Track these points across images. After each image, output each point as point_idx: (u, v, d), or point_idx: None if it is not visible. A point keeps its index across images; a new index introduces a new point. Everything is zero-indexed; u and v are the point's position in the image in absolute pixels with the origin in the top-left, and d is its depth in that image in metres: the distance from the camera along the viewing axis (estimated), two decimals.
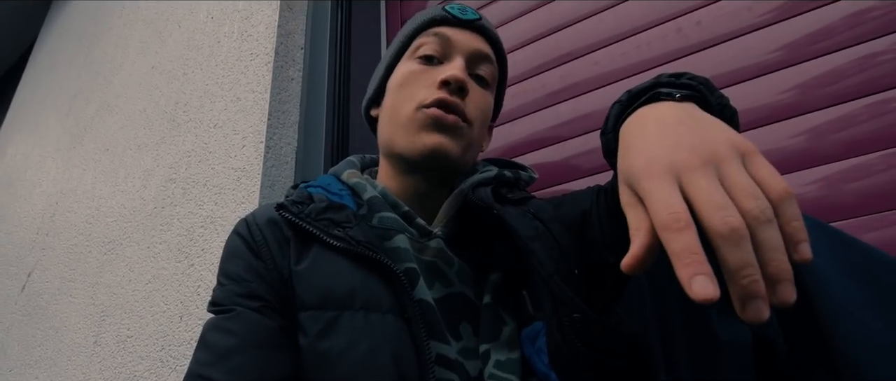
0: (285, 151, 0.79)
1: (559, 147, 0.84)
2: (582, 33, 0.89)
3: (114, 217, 1.01)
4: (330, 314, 0.44)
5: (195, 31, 1.09)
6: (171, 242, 0.83)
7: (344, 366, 0.42)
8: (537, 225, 0.48)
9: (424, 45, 0.55)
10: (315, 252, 0.47)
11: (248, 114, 0.82)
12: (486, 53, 0.56)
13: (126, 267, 0.90)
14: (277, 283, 0.46)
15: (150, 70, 1.19)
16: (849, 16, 0.66)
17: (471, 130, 0.53)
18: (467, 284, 0.50)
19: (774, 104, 0.67)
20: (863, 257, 0.39)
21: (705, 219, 0.27)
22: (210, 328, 0.45)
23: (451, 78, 0.50)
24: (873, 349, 0.35)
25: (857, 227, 0.58)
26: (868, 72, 0.63)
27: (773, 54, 0.70)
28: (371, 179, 0.56)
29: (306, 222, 0.47)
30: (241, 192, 0.75)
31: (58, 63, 1.82)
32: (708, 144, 0.32)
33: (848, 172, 0.61)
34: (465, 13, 0.57)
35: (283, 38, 0.88)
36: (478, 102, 0.54)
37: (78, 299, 0.99)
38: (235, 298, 0.46)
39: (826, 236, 0.40)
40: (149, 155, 1.00)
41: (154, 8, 1.34)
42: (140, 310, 0.82)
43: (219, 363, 0.41)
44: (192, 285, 0.75)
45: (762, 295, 0.27)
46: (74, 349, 0.93)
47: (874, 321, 0.36)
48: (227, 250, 0.50)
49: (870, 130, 0.61)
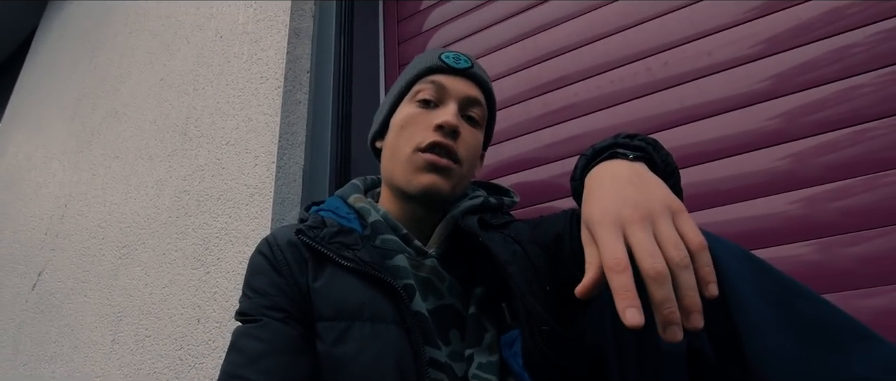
0: (294, 169, 0.87)
1: (541, 169, 0.94)
2: (563, 65, 0.99)
3: (127, 223, 1.08)
4: (343, 324, 0.53)
5: (204, 48, 1.16)
6: (187, 250, 0.90)
7: (355, 368, 0.51)
8: (516, 249, 0.58)
9: (422, 91, 0.63)
10: (329, 271, 0.56)
11: (259, 134, 0.90)
12: (476, 98, 0.65)
13: (142, 271, 0.98)
14: (297, 297, 0.55)
15: (159, 82, 1.25)
16: (832, 51, 0.74)
17: (461, 168, 0.61)
18: (456, 297, 0.60)
19: (761, 131, 0.75)
20: (780, 286, 0.49)
21: (640, 264, 0.37)
22: (241, 334, 0.53)
23: (445, 123, 0.59)
24: (782, 362, 0.45)
25: (838, 243, 0.67)
26: (851, 102, 0.71)
27: (761, 84, 0.77)
28: (374, 204, 0.64)
29: (322, 246, 0.56)
30: (255, 207, 0.83)
31: (60, 64, 1.86)
32: (648, 202, 0.41)
33: (830, 193, 0.69)
34: (459, 62, 0.65)
35: (291, 63, 0.96)
36: (468, 141, 0.63)
37: (93, 300, 1.06)
38: (262, 309, 0.54)
39: (751, 266, 0.49)
40: (161, 166, 1.07)
41: (161, 20, 1.40)
42: (157, 312, 0.90)
43: (251, 365, 0.50)
44: (209, 291, 0.83)
45: (677, 322, 0.37)
46: (91, 346, 1.00)
47: (786, 341, 0.45)
48: (252, 267, 0.58)
49: (851, 155, 0.69)
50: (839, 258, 0.66)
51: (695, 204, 0.75)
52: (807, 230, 0.68)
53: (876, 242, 0.65)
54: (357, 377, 0.50)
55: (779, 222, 0.70)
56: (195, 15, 1.27)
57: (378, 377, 0.49)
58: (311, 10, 1.08)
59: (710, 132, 0.79)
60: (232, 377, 0.50)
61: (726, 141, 0.77)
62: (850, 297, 0.64)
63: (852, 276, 0.64)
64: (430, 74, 0.64)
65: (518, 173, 0.96)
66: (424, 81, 0.64)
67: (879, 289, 0.63)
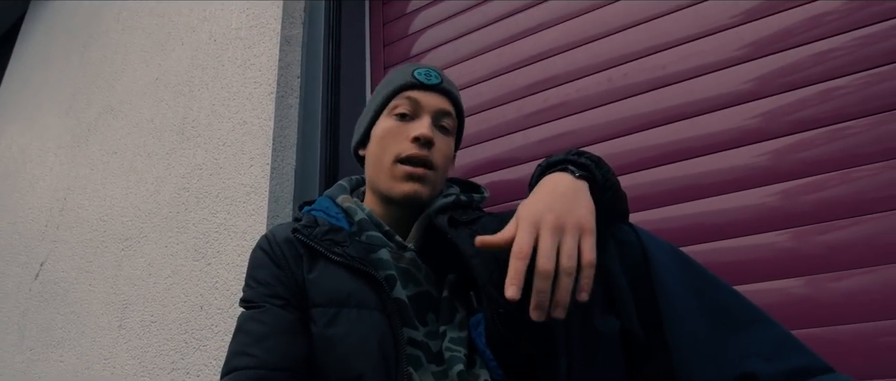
0: (286, 169, 0.95)
1: (514, 169, 1.03)
2: (535, 73, 1.07)
3: (129, 217, 1.15)
4: (333, 310, 0.62)
5: (198, 50, 1.23)
6: (188, 243, 0.98)
7: (343, 347, 0.60)
8: None
9: (399, 106, 0.71)
10: (322, 265, 0.64)
11: (254, 137, 0.97)
12: (447, 110, 0.73)
13: (145, 263, 1.05)
14: (294, 287, 0.64)
15: (154, 81, 1.31)
16: (815, 55, 0.80)
17: (436, 173, 0.70)
18: (432, 284, 0.69)
19: (742, 129, 0.82)
20: (701, 279, 0.59)
21: (536, 258, 0.48)
22: (246, 319, 0.62)
23: (421, 135, 0.68)
24: (696, 340, 0.55)
25: (811, 232, 0.73)
26: (830, 103, 0.77)
27: (744, 85, 0.84)
28: (359, 203, 0.73)
29: (315, 243, 0.65)
30: (251, 205, 0.91)
31: (50, 58, 1.89)
32: (566, 216, 0.52)
33: (805, 187, 0.75)
34: (430, 78, 0.73)
35: (283, 70, 1.03)
36: (442, 148, 0.72)
37: (98, 289, 1.14)
38: (264, 297, 0.63)
39: (679, 262, 0.59)
40: (160, 164, 1.14)
41: (154, 19, 1.45)
42: (162, 300, 0.98)
43: (256, 344, 0.59)
44: (210, 282, 0.91)
45: (544, 308, 0.49)
46: (98, 331, 1.08)
47: (701, 324, 0.55)
48: (254, 261, 0.67)
49: (828, 151, 0.75)
50: (811, 245, 0.72)
51: (677, 197, 0.83)
52: (782, 220, 0.75)
53: (847, 230, 0.71)
54: (345, 355, 0.59)
55: (756, 214, 0.77)
56: (188, 16, 1.33)
57: (363, 354, 0.59)
58: (301, 17, 1.14)
59: (692, 131, 0.86)
60: (240, 354, 0.59)
61: (707, 139, 0.84)
62: (820, 280, 0.71)
63: (823, 261, 0.71)
64: (406, 91, 0.72)
65: (493, 173, 1.05)
66: (400, 96, 0.72)
67: (849, 273, 0.70)
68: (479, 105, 1.13)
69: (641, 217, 0.84)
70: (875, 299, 0.68)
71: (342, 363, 0.59)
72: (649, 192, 0.86)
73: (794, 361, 0.51)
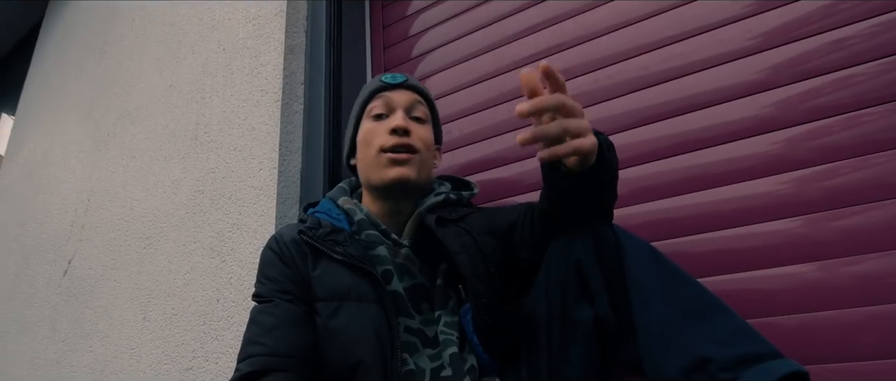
0: (292, 172, 1.03)
1: (505, 168, 1.09)
2: None
3: (149, 217, 1.24)
4: (335, 304, 0.69)
5: (209, 59, 1.30)
6: (204, 241, 1.06)
7: (344, 337, 0.67)
8: (466, 240, 0.74)
9: (374, 108, 0.80)
10: (324, 263, 0.72)
11: (262, 142, 1.05)
12: (417, 101, 0.81)
13: (165, 260, 1.14)
14: (300, 283, 0.71)
15: (168, 88, 1.39)
16: (828, 43, 0.81)
17: (420, 156, 0.77)
18: (426, 276, 0.76)
19: (757, 117, 0.84)
20: (670, 273, 0.63)
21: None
22: (258, 312, 0.70)
23: (397, 126, 0.75)
24: (661, 327, 0.60)
25: (824, 218, 0.75)
26: (845, 91, 0.78)
27: (758, 74, 0.86)
28: (358, 204, 0.80)
29: (318, 243, 0.72)
30: (260, 206, 0.99)
31: (68, 64, 1.98)
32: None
33: (819, 174, 0.77)
34: (396, 79, 0.82)
35: (288, 78, 1.10)
36: (420, 134, 0.79)
37: (122, 284, 1.23)
38: (274, 292, 0.70)
39: (651, 257, 0.65)
40: (176, 167, 1.22)
41: (166, 28, 1.52)
42: (182, 294, 1.06)
43: (268, 334, 0.66)
44: (226, 277, 0.99)
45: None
46: (124, 324, 1.17)
47: (667, 313, 0.61)
48: (265, 260, 0.74)
49: (843, 139, 0.76)
50: (824, 231, 0.74)
51: (692, 186, 0.85)
52: (795, 207, 0.77)
53: (863, 216, 0.73)
54: (346, 343, 0.66)
55: (769, 201, 0.79)
56: (198, 25, 1.40)
57: (362, 342, 0.66)
58: (304, 26, 1.21)
59: (706, 121, 0.88)
60: (253, 343, 0.66)
61: (721, 128, 0.86)
62: (832, 265, 0.73)
63: (835, 246, 0.73)
64: (378, 93, 0.81)
65: (487, 172, 1.11)
66: (374, 99, 0.81)
67: (862, 257, 0.71)
68: (472, 106, 1.19)
69: (655, 207, 0.87)
70: (890, 283, 0.69)
71: (344, 350, 0.66)
72: (662, 182, 0.89)
73: (748, 347, 0.56)
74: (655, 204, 0.88)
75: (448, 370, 0.68)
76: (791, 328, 0.73)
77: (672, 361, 0.57)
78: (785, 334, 0.73)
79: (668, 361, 0.58)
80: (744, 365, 0.54)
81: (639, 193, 0.90)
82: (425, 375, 0.67)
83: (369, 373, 0.64)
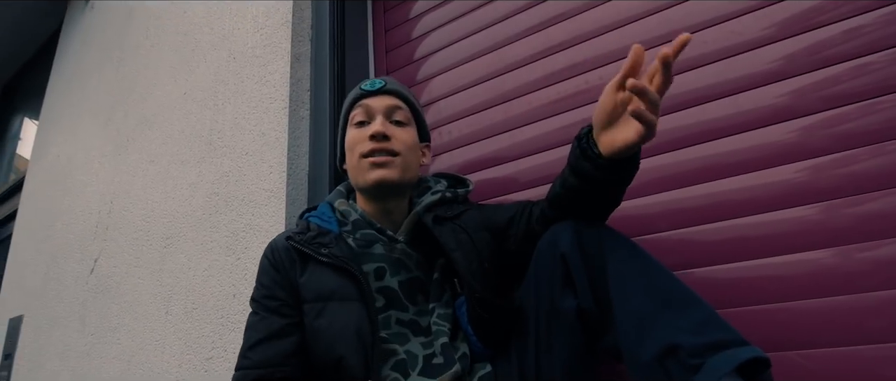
0: (300, 176, 1.09)
1: (501, 167, 1.15)
2: (518, 78, 1.18)
3: (168, 219, 1.32)
4: (320, 305, 0.75)
5: (220, 68, 1.37)
6: (220, 241, 1.14)
7: (327, 335, 0.73)
8: (462, 237, 0.79)
9: (355, 115, 0.83)
10: (311, 266, 0.77)
11: (272, 147, 1.12)
12: (396, 105, 0.84)
13: (185, 258, 1.22)
14: (289, 288, 0.77)
15: (182, 96, 1.47)
16: (843, 32, 0.82)
17: (402, 157, 0.80)
18: (422, 269, 0.82)
19: (773, 107, 0.85)
20: (649, 267, 0.68)
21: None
22: (249, 323, 0.77)
23: (375, 132, 0.79)
24: (637, 316, 0.65)
25: (841, 205, 0.76)
26: (861, 79, 0.79)
27: (773, 65, 0.87)
28: (354, 205, 0.85)
29: (305, 247, 0.77)
30: (271, 207, 1.06)
31: (87, 71, 2.07)
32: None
33: (835, 162, 0.78)
34: (374, 85, 0.85)
35: (294, 85, 1.16)
36: (401, 137, 0.82)
37: (145, 281, 1.31)
38: (264, 299, 0.77)
39: (632, 252, 0.69)
40: (192, 171, 1.30)
41: (179, 37, 1.60)
42: (201, 290, 1.14)
43: (251, 349, 0.73)
44: (240, 273, 1.06)
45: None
46: (148, 318, 1.26)
47: (644, 303, 0.65)
48: (261, 267, 0.81)
49: (859, 126, 0.77)
50: (840, 218, 0.76)
51: (710, 175, 0.87)
52: (812, 195, 0.78)
53: (880, 201, 0.73)
54: (329, 341, 0.73)
55: (785, 189, 0.80)
56: (209, 35, 1.47)
57: (342, 339, 0.72)
58: (308, 34, 1.27)
59: (722, 111, 0.89)
60: (242, 357, 0.75)
61: (737, 118, 0.88)
62: (849, 251, 0.74)
63: (850, 232, 0.74)
64: (358, 101, 0.84)
65: (485, 171, 1.17)
66: (355, 107, 0.84)
67: (879, 242, 0.73)
68: (470, 108, 1.24)
69: (672, 196, 0.90)
70: None
71: (326, 348, 0.73)
72: (679, 171, 0.91)
73: (716, 335, 0.61)
74: (672, 194, 0.91)
75: (440, 358, 0.74)
76: (806, 313, 0.76)
77: (647, 348, 0.62)
78: (800, 318, 0.76)
79: (643, 348, 0.63)
80: (711, 352, 0.59)
81: (657, 182, 0.92)
82: (418, 361, 0.74)
83: (350, 368, 0.70)
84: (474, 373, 0.75)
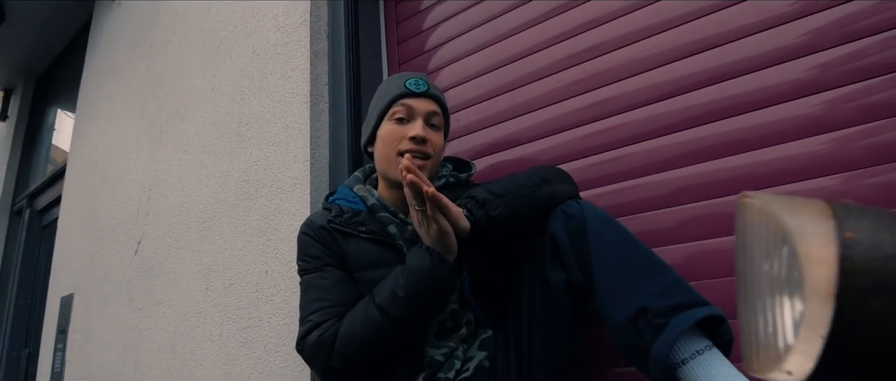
0: (322, 164, 1.21)
1: (508, 152, 1.24)
2: (522, 68, 1.26)
3: (203, 204, 1.45)
4: (369, 272, 0.86)
5: (245, 64, 1.48)
6: (253, 224, 1.27)
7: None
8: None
9: (397, 112, 0.90)
10: (353, 242, 0.89)
11: (295, 138, 1.23)
12: (435, 111, 0.92)
13: (221, 240, 1.35)
14: (337, 256, 0.88)
15: (211, 90, 1.58)
16: (870, 6, 0.84)
17: (431, 160, 0.91)
18: None
19: (799, 81, 0.88)
20: (625, 241, 0.79)
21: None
22: (311, 279, 0.87)
23: (416, 135, 0.88)
24: (613, 284, 0.75)
25: (863, 175, 0.80)
26: (886, 52, 0.81)
27: (800, 39, 0.91)
28: (371, 190, 0.95)
29: (345, 227, 0.89)
30: (297, 194, 1.18)
31: (119, 66, 2.21)
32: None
33: (859, 134, 0.81)
34: (419, 87, 0.91)
35: (314, 80, 1.27)
36: (434, 140, 0.91)
37: (186, 261, 1.46)
38: (319, 264, 0.88)
39: (612, 228, 0.80)
40: (224, 161, 1.43)
41: (204, 34, 1.71)
42: (237, 267, 1.28)
43: (327, 292, 0.84)
44: (272, 253, 1.19)
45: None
46: (190, 293, 1.40)
47: (619, 273, 0.76)
48: (304, 243, 0.91)
49: (884, 99, 0.79)
50: (865, 188, 0.79)
51: (737, 148, 0.92)
52: (837, 166, 0.82)
53: None
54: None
55: (811, 162, 0.84)
56: (234, 32, 1.58)
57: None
58: (325, 31, 1.37)
59: (750, 86, 0.93)
60: (316, 300, 0.83)
61: (764, 92, 0.91)
62: None
63: (877, 203, 0.76)
64: (400, 99, 0.91)
65: (491, 155, 1.27)
66: (397, 104, 0.91)
67: None
68: (477, 96, 1.33)
69: (698, 169, 0.96)
70: None
71: None
72: (707, 146, 0.96)
73: (679, 298, 0.72)
74: (699, 167, 0.96)
75: (450, 323, 0.85)
76: None
77: (620, 312, 0.73)
78: None
79: (617, 312, 0.73)
80: (674, 312, 0.69)
81: (684, 157, 0.98)
82: (433, 325, 0.85)
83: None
84: (477, 336, 0.87)
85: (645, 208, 1.02)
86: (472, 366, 0.83)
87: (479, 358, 0.84)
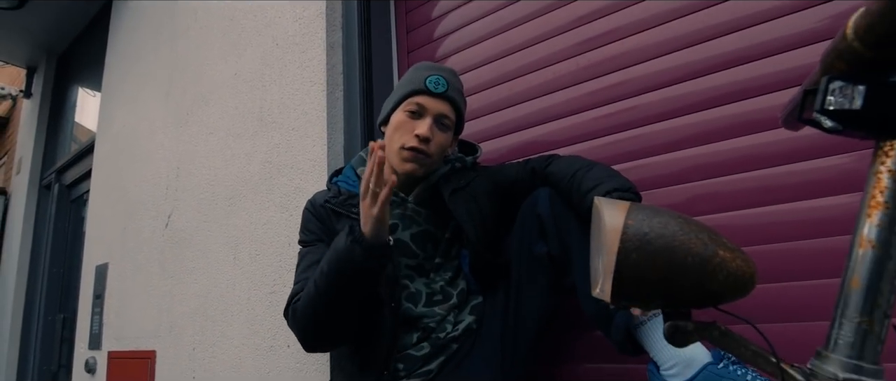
0: (337, 147, 1.34)
1: (508, 137, 1.36)
2: (523, 59, 1.36)
3: (229, 182, 1.59)
4: None
5: (266, 52, 1.59)
6: (275, 200, 1.41)
7: None
8: (472, 208, 1.00)
9: (411, 105, 0.94)
10: (344, 220, 0.97)
11: (313, 124, 1.35)
12: (447, 114, 0.96)
13: (246, 215, 1.50)
14: (331, 234, 0.96)
15: (233, 76, 1.70)
16: None
17: (432, 158, 0.95)
18: (430, 224, 1.01)
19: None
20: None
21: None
22: (304, 253, 0.99)
23: (421, 135, 0.92)
24: (584, 263, 0.88)
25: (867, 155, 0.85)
26: None
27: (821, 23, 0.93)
28: None
29: (339, 208, 0.99)
30: (315, 174, 1.31)
31: (143, 51, 2.32)
32: None
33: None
34: (438, 87, 0.95)
35: (330, 70, 1.38)
36: (439, 141, 0.95)
37: (215, 233, 1.61)
38: (314, 239, 0.99)
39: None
40: (248, 143, 1.56)
41: (226, 22, 1.82)
42: (262, 239, 1.42)
43: (311, 267, 0.95)
44: (293, 227, 1.33)
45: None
46: (219, 263, 1.56)
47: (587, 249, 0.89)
48: (305, 218, 1.02)
49: None
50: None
51: (756, 127, 0.97)
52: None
53: None
54: None
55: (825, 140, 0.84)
56: (254, 21, 1.69)
57: None
58: (340, 23, 1.48)
59: (769, 69, 0.98)
60: (303, 272, 0.95)
61: (785, 74, 0.95)
62: None
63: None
64: (417, 95, 0.95)
65: (500, 138, 1.38)
66: (412, 99, 0.95)
67: None
68: (480, 85, 1.44)
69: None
70: None
71: None
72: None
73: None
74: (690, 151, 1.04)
75: (439, 296, 0.98)
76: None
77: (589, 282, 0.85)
78: None
79: (587, 283, 0.85)
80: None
81: (681, 141, 1.06)
82: (422, 296, 0.96)
83: (380, 293, 0.90)
84: (469, 303, 1.00)
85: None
86: (461, 327, 0.96)
87: (468, 321, 0.97)
